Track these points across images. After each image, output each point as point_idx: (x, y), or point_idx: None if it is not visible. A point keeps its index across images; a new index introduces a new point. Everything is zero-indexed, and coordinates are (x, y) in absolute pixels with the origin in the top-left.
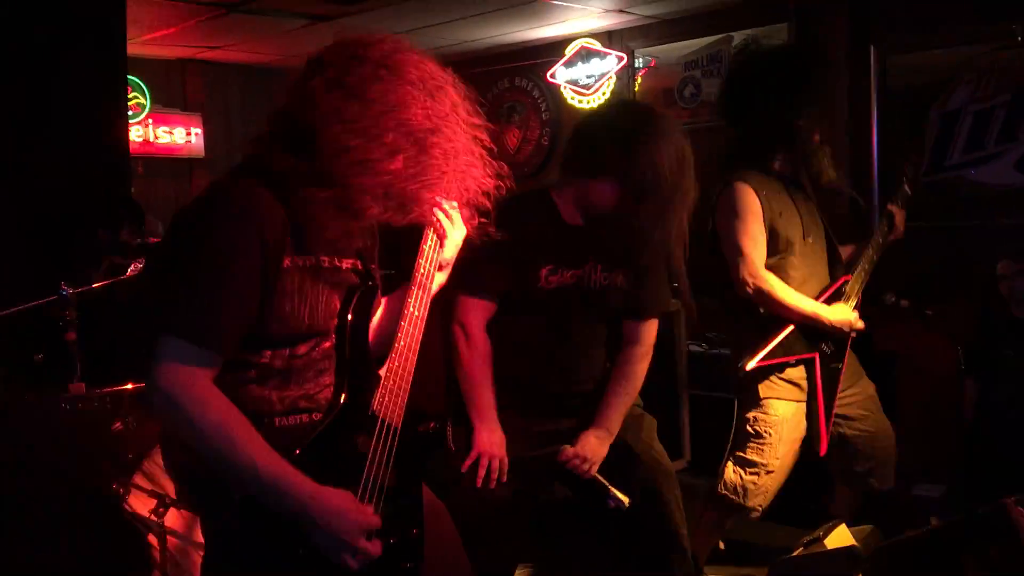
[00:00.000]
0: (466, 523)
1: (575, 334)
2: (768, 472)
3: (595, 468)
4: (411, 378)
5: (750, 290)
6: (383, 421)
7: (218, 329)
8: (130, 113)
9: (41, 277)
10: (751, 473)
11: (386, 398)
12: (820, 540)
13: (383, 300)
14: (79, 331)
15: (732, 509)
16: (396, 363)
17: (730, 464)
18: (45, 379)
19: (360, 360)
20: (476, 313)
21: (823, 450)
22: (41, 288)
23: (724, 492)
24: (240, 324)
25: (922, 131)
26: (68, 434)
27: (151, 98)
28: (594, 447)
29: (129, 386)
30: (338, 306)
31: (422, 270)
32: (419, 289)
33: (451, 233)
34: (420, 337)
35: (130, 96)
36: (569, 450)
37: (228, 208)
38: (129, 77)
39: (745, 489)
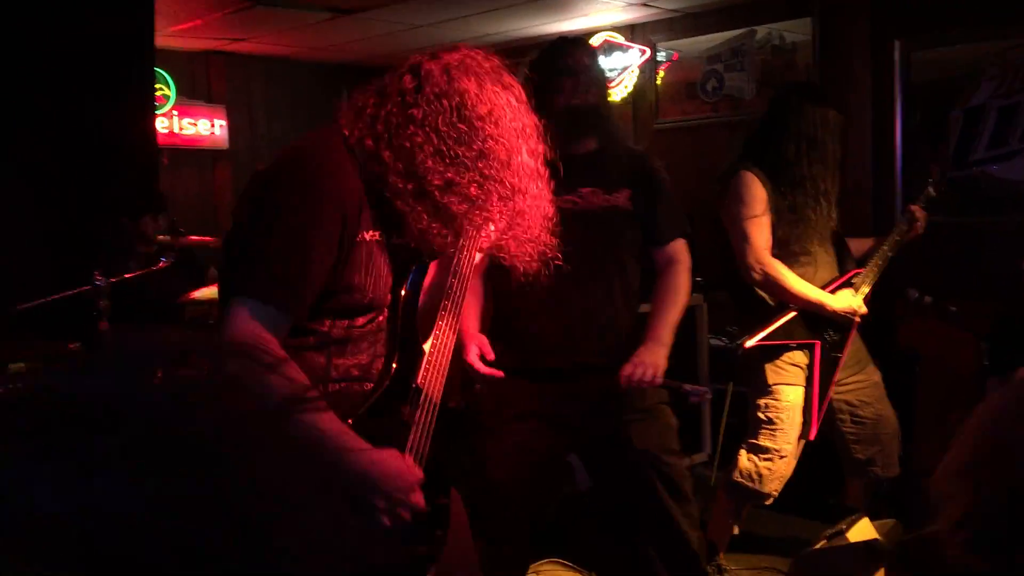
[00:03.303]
0: (481, 510)
1: (583, 263)
2: (781, 457)
3: (660, 376)
4: (451, 355)
5: (756, 276)
6: (426, 394)
7: (295, 294)
8: (156, 105)
9: (74, 267)
10: (765, 459)
11: (429, 373)
12: (843, 533)
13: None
14: (112, 321)
15: (748, 496)
16: (439, 340)
17: (744, 451)
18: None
19: (410, 334)
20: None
21: (812, 435)
22: (74, 278)
23: (740, 479)
24: (314, 291)
25: (947, 138)
26: None
27: (176, 90)
28: (652, 356)
29: (159, 375)
30: (396, 280)
31: (463, 256)
32: (461, 268)
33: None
34: (460, 317)
35: (156, 88)
36: (626, 367)
37: (313, 174)
38: (156, 69)
39: (760, 475)
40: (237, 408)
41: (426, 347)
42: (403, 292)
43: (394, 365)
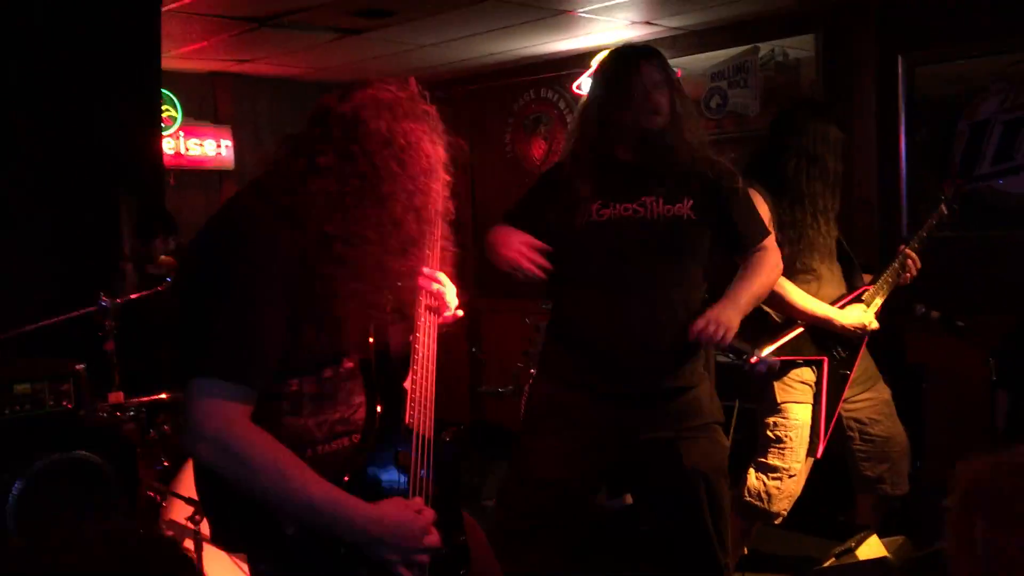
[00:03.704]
0: (525, 515)
1: (643, 275)
2: (790, 476)
3: (730, 335)
4: (435, 387)
5: None
6: (417, 433)
7: (250, 363)
8: (163, 126)
9: (79, 288)
10: (774, 479)
11: (416, 410)
12: (852, 551)
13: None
14: (117, 341)
15: (757, 515)
16: (419, 374)
17: (753, 471)
18: (85, 389)
19: (387, 375)
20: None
21: (819, 453)
22: (80, 299)
23: (749, 499)
24: (271, 355)
25: (953, 153)
26: (109, 443)
27: (182, 111)
28: (724, 315)
29: (165, 396)
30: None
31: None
32: (425, 304)
33: (448, 298)
34: (435, 346)
35: (162, 109)
36: (698, 322)
37: (247, 241)
38: (163, 91)
39: (769, 495)
40: None
41: (407, 385)
42: (372, 333)
43: (378, 409)
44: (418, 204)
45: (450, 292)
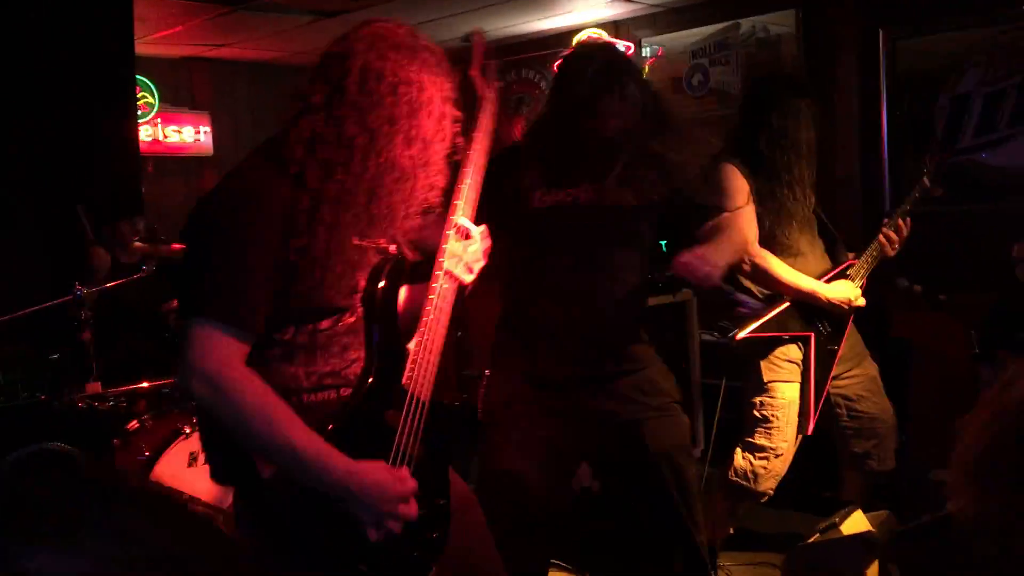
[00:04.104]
0: (499, 510)
1: (585, 261)
2: (777, 456)
3: (716, 273)
4: (440, 352)
5: (745, 267)
6: (412, 395)
7: (244, 306)
8: (139, 112)
9: (55, 278)
10: (760, 458)
11: (415, 372)
12: (836, 526)
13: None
14: (94, 331)
15: (744, 495)
16: (426, 336)
17: (739, 450)
18: (61, 379)
19: (389, 333)
20: None
21: (810, 429)
22: (55, 289)
23: (735, 479)
24: (264, 300)
25: (934, 126)
26: (87, 433)
27: (159, 97)
28: (711, 255)
29: (144, 385)
30: (362, 283)
31: (445, 259)
32: (445, 265)
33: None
34: (449, 312)
35: (138, 96)
36: (685, 254)
37: (242, 191)
38: (137, 77)
39: (755, 474)
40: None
41: (411, 346)
42: (378, 285)
43: (372, 368)
44: (412, 136)
45: (474, 250)
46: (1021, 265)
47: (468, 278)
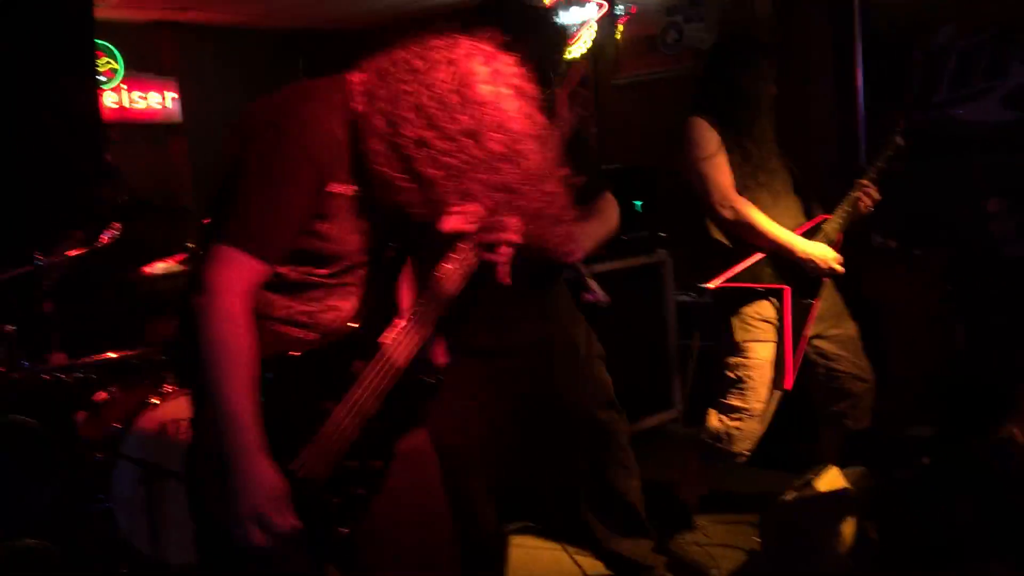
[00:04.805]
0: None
1: None
2: (752, 416)
3: (579, 253)
4: (434, 326)
5: (727, 214)
6: (386, 355)
7: (268, 243)
8: (104, 79)
9: (14, 248)
10: (735, 419)
11: (398, 335)
12: (812, 483)
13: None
14: (57, 301)
15: (719, 456)
16: (421, 309)
17: (714, 412)
18: (18, 350)
19: (386, 294)
20: None
21: (788, 384)
22: (14, 259)
23: (709, 440)
24: (288, 241)
25: (910, 81)
26: (52, 405)
27: (125, 63)
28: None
29: (113, 355)
30: (377, 239)
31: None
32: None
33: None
34: (457, 288)
35: (102, 61)
36: None
37: (288, 125)
38: (101, 42)
39: (730, 435)
40: None
41: (404, 312)
42: (388, 252)
43: (357, 319)
44: (472, 151)
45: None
46: (996, 220)
47: (493, 256)
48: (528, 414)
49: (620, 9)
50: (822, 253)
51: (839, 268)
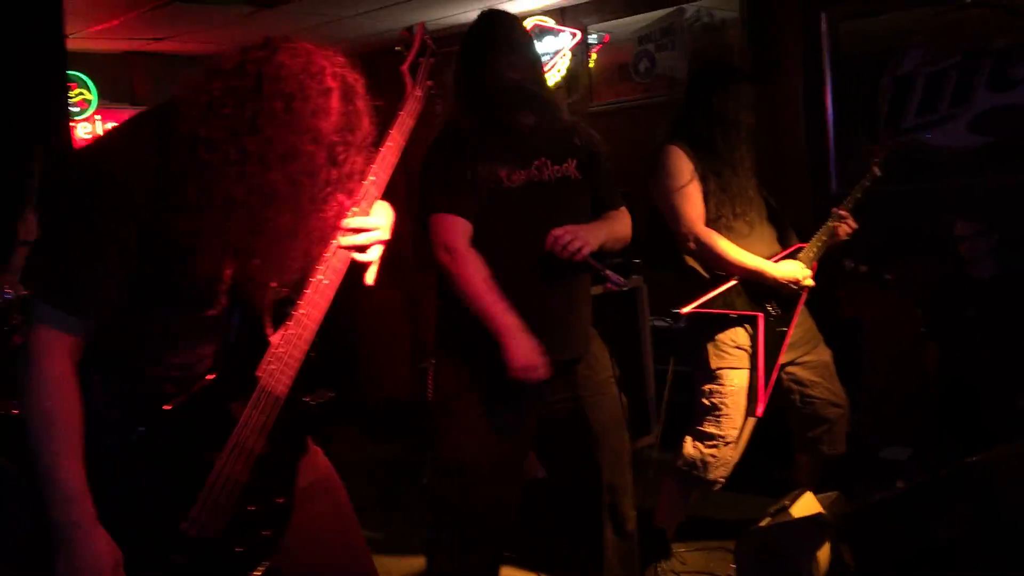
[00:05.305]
0: (453, 500)
1: (542, 238)
2: (727, 444)
3: (587, 249)
4: (307, 347)
5: (691, 245)
6: (264, 389)
7: (89, 299)
8: (77, 109)
9: None
10: (710, 446)
11: (273, 365)
12: (786, 509)
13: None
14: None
15: (694, 483)
16: (293, 331)
17: (689, 439)
18: None
19: (249, 324)
20: (456, 229)
21: (759, 411)
22: None
23: (684, 467)
24: (113, 294)
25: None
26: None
27: (98, 93)
28: (585, 231)
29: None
30: (225, 274)
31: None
32: (332, 255)
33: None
34: (325, 307)
35: (75, 92)
36: (557, 230)
37: (105, 172)
38: (74, 72)
39: (705, 463)
40: None
41: (275, 340)
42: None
43: (224, 355)
44: (302, 157)
45: (370, 229)
46: (964, 243)
47: (362, 257)
48: (553, 432)
49: (593, 38)
50: (792, 273)
51: (810, 283)
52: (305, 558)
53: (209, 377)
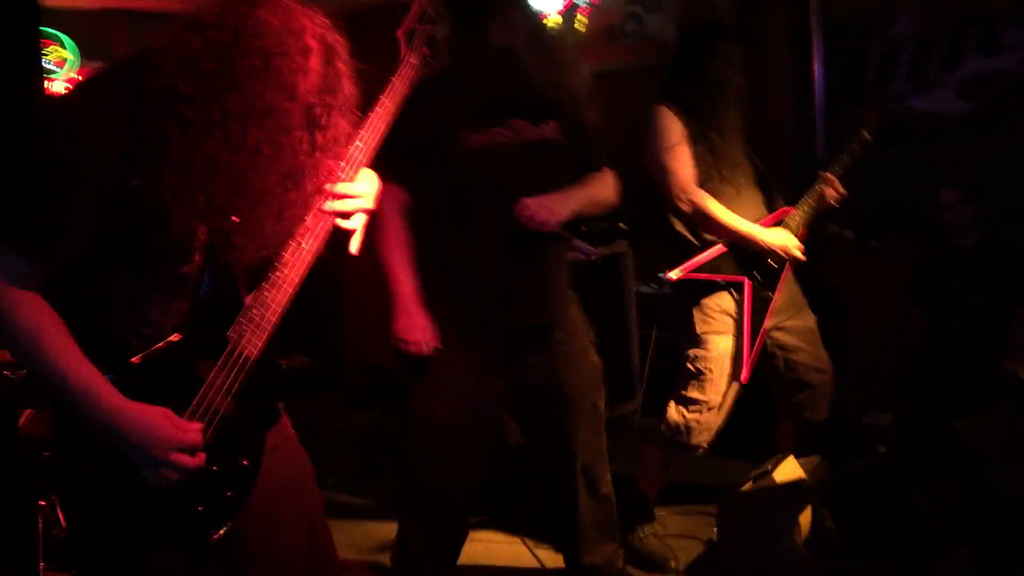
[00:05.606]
0: (427, 461)
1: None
2: (710, 409)
3: (552, 221)
4: (283, 311)
5: (684, 206)
6: (235, 350)
7: (42, 239)
8: (54, 68)
9: None
10: (693, 411)
11: (245, 326)
12: (769, 473)
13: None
14: None
15: (676, 448)
16: (268, 293)
17: (672, 403)
18: None
19: (222, 282)
20: (387, 199)
21: (745, 377)
22: None
23: (667, 432)
24: (69, 236)
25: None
26: None
27: (78, 53)
28: (554, 201)
29: None
30: (200, 230)
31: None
32: (313, 220)
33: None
34: (304, 272)
35: (51, 49)
36: (527, 200)
37: (65, 122)
38: (51, 30)
39: (688, 428)
40: None
41: (248, 301)
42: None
43: (191, 316)
44: (277, 112)
45: (354, 196)
46: (949, 210)
47: (346, 224)
48: (528, 397)
49: (582, 0)
50: (783, 241)
51: (800, 256)
52: (264, 522)
53: (177, 335)
